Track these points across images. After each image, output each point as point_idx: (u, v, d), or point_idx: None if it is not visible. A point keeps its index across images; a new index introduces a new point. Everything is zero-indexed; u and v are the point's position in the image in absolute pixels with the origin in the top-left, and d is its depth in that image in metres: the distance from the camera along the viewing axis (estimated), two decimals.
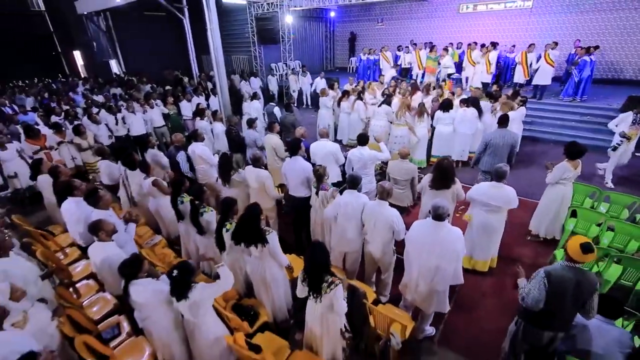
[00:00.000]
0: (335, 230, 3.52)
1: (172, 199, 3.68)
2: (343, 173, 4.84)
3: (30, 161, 6.03)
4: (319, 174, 3.75)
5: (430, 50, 10.51)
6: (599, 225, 4.05)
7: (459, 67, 10.60)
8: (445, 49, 10.25)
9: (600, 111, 8.31)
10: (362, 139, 4.35)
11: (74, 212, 3.40)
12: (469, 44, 10.09)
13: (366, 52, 12.20)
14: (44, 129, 6.72)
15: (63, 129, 6.61)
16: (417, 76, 11.17)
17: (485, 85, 9.54)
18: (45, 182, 4.60)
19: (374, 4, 14.40)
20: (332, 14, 16.64)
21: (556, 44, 8.94)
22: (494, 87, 8.07)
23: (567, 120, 8.53)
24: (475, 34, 12.77)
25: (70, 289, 3.45)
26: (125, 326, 3.09)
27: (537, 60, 8.87)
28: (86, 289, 3.62)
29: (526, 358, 2.55)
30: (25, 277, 2.64)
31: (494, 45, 9.99)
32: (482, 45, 10.01)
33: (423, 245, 2.77)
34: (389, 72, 11.24)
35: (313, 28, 16.62)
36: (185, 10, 11.99)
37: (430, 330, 3.33)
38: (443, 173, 3.63)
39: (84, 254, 4.07)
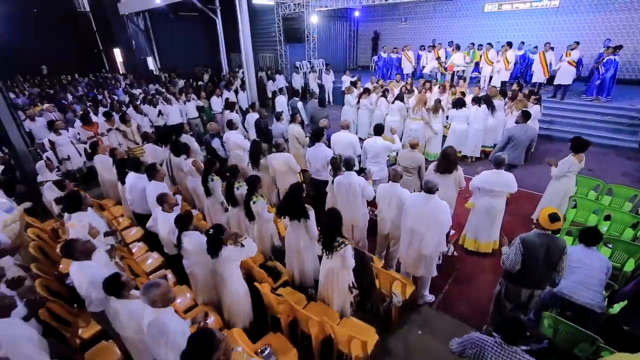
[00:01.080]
0: (340, 205, 3.96)
1: (203, 177, 4.29)
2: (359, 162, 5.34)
3: (83, 146, 6.96)
4: (336, 165, 4.26)
5: (452, 50, 10.74)
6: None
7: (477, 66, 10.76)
8: (457, 47, 10.46)
9: (622, 111, 8.29)
10: (378, 129, 4.82)
11: (135, 184, 4.10)
12: (488, 44, 10.25)
13: (387, 51, 12.55)
14: (95, 118, 7.63)
15: (112, 117, 7.47)
16: (438, 75, 11.42)
17: (504, 83, 9.68)
18: (100, 162, 5.36)
19: (398, 3, 14.65)
20: (357, 13, 17.01)
21: (577, 43, 8.94)
22: (514, 86, 8.25)
23: (587, 120, 8.56)
24: (500, 34, 12.79)
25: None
26: (170, 277, 3.76)
27: (559, 60, 8.92)
28: (138, 249, 4.34)
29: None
30: (99, 227, 3.32)
31: (510, 44, 10.07)
32: (510, 45, 10.14)
33: (415, 213, 3.25)
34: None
35: (337, 27, 17.08)
36: (218, 11, 12.79)
37: (429, 297, 3.77)
38: (447, 159, 4.05)
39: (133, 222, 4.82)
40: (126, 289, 2.40)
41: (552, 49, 9.61)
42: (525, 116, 5.12)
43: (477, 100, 6.49)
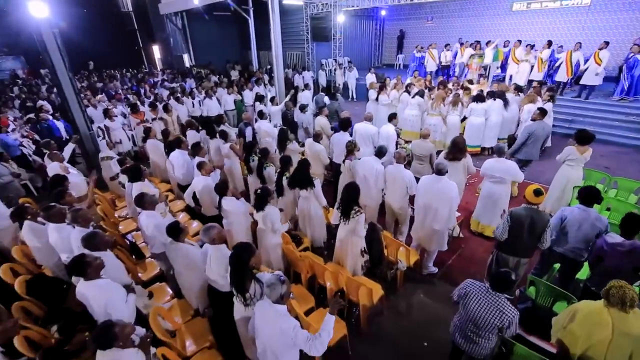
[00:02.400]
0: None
1: (246, 157, 4.99)
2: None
3: (131, 133, 7.89)
4: (350, 148, 4.78)
5: (474, 48, 10.91)
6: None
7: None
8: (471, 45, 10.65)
9: None
10: (390, 118, 5.53)
11: (180, 159, 4.87)
12: (516, 42, 10.34)
13: (419, 50, 12.94)
14: (141, 108, 8.56)
15: (156, 107, 8.38)
16: (460, 74, 11.61)
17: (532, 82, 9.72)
18: (152, 145, 6.16)
19: (424, 2, 14.83)
20: (383, 12, 17.33)
21: (607, 44, 8.89)
22: (534, 83, 8.39)
23: (610, 119, 8.55)
24: (528, 33, 12.73)
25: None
26: None
27: (586, 61, 8.92)
28: (182, 217, 5.07)
29: None
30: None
31: (550, 43, 10.08)
32: (532, 46, 10.20)
33: (427, 192, 3.72)
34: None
35: (363, 26, 17.49)
36: (251, 11, 13.57)
37: (433, 269, 4.23)
38: (456, 147, 4.46)
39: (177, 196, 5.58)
40: (183, 234, 3.07)
41: (581, 46, 9.59)
42: (542, 113, 5.41)
43: (492, 95, 6.81)
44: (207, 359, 2.83)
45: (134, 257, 4.22)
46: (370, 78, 11.55)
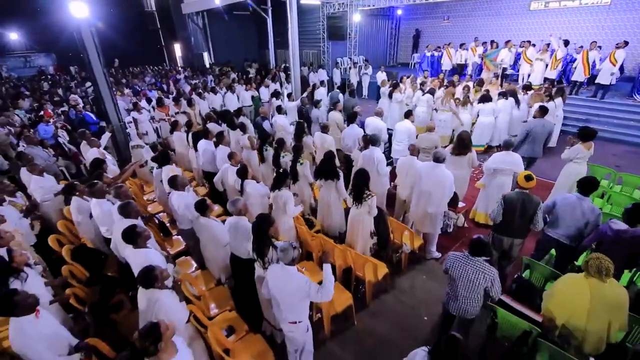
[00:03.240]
0: None
1: (260, 147, 5.36)
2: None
3: (155, 125, 8.42)
4: (367, 141, 5.07)
5: (491, 47, 10.97)
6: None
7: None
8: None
9: None
10: (406, 114, 5.74)
11: (205, 148, 5.30)
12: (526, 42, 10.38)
13: (431, 49, 13.04)
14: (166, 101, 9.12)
15: (180, 102, 8.89)
16: (473, 72, 11.69)
17: (552, 82, 9.74)
18: (178, 137, 6.62)
19: (440, 2, 14.91)
20: (399, 12, 17.45)
21: (626, 43, 8.83)
22: (545, 84, 8.46)
23: (626, 119, 8.51)
24: (546, 32, 12.62)
25: None
26: None
27: (603, 60, 8.90)
28: None
29: (498, 261, 3.65)
30: None
31: (566, 43, 10.07)
32: (549, 45, 10.19)
33: (423, 177, 4.02)
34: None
35: (379, 25, 17.67)
36: (269, 10, 13.99)
37: (436, 254, 4.49)
38: (461, 142, 4.70)
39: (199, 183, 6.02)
40: (208, 210, 3.46)
41: (600, 47, 9.56)
42: (543, 111, 5.55)
43: (503, 94, 6.96)
44: (228, 319, 3.20)
45: (161, 234, 4.66)
46: (381, 76, 11.79)
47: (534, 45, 10.31)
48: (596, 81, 9.15)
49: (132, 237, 2.84)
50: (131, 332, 3.05)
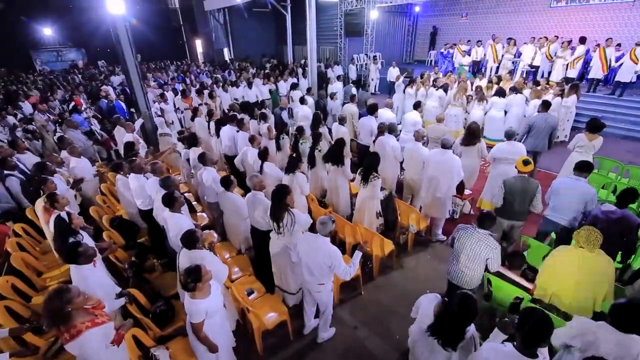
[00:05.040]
0: None
1: (276, 136, 5.73)
2: None
3: (180, 116, 8.94)
4: (382, 129, 5.36)
5: (508, 45, 10.98)
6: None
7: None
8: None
9: None
10: (415, 106, 5.96)
11: (228, 133, 5.74)
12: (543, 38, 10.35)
13: (447, 47, 13.15)
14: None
15: (202, 94, 9.39)
16: (491, 69, 11.71)
17: (567, 80, 9.71)
18: (199, 123, 7.09)
19: None
20: (417, 8, 17.48)
21: None
22: (543, 81, 8.46)
23: None
24: (567, 30, 12.50)
25: None
26: None
27: (619, 58, 8.83)
28: None
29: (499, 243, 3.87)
30: None
31: (583, 41, 9.99)
32: (569, 42, 10.13)
33: (432, 163, 4.29)
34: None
35: (396, 22, 17.77)
36: (289, 7, 14.35)
37: (442, 237, 4.75)
38: (471, 133, 4.93)
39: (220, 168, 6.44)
40: (232, 186, 3.85)
41: (619, 45, 9.45)
42: (545, 105, 5.67)
43: (514, 89, 7.09)
44: (248, 282, 3.59)
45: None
46: (395, 72, 12.01)
47: (568, 41, 10.18)
48: (616, 79, 9.07)
49: (170, 201, 3.25)
50: (162, 290, 3.50)
